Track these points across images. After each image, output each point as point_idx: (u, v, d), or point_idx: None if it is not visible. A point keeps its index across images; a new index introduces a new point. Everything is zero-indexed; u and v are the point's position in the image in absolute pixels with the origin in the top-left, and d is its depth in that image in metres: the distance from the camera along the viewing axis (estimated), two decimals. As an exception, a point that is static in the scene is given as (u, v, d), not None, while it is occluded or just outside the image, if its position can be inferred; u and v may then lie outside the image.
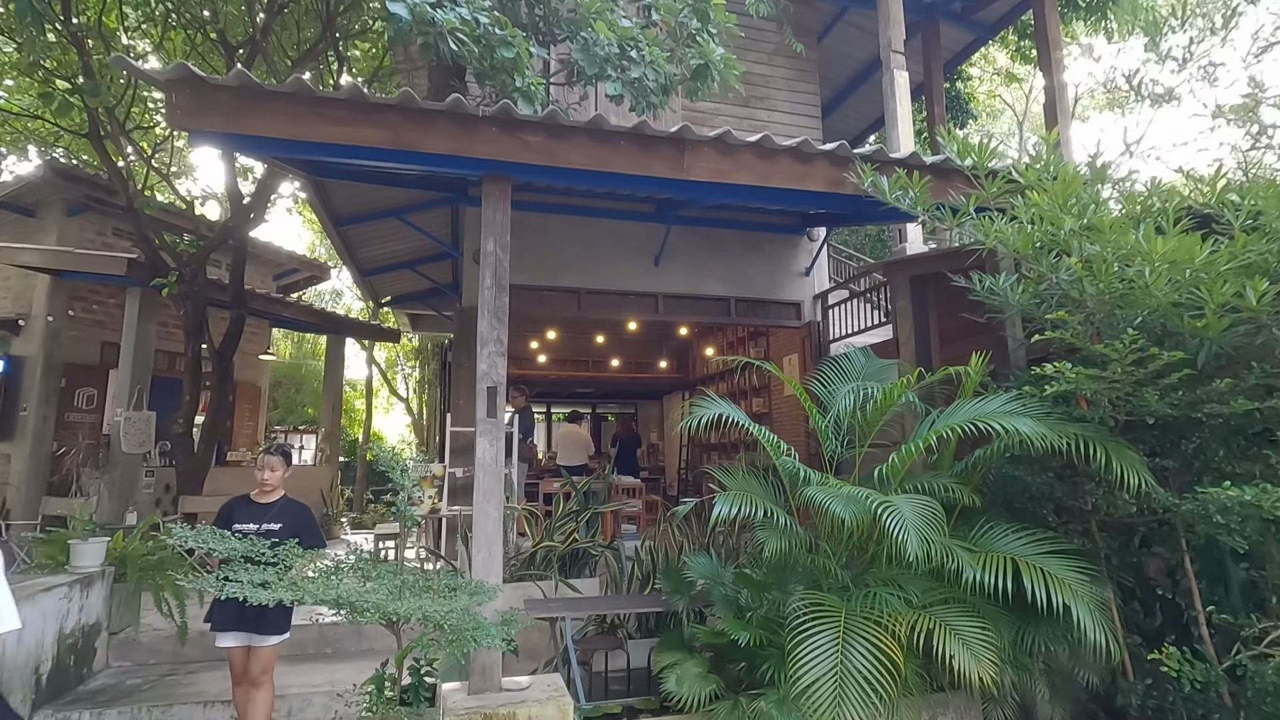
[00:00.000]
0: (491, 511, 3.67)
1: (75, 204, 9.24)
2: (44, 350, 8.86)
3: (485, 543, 3.63)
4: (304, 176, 6.17)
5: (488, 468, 3.70)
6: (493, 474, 3.71)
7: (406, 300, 11.72)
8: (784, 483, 3.94)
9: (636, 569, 5.42)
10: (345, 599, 2.80)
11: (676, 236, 8.29)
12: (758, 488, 3.88)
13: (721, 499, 3.42)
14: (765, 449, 3.95)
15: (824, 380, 4.37)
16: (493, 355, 3.81)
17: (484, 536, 3.63)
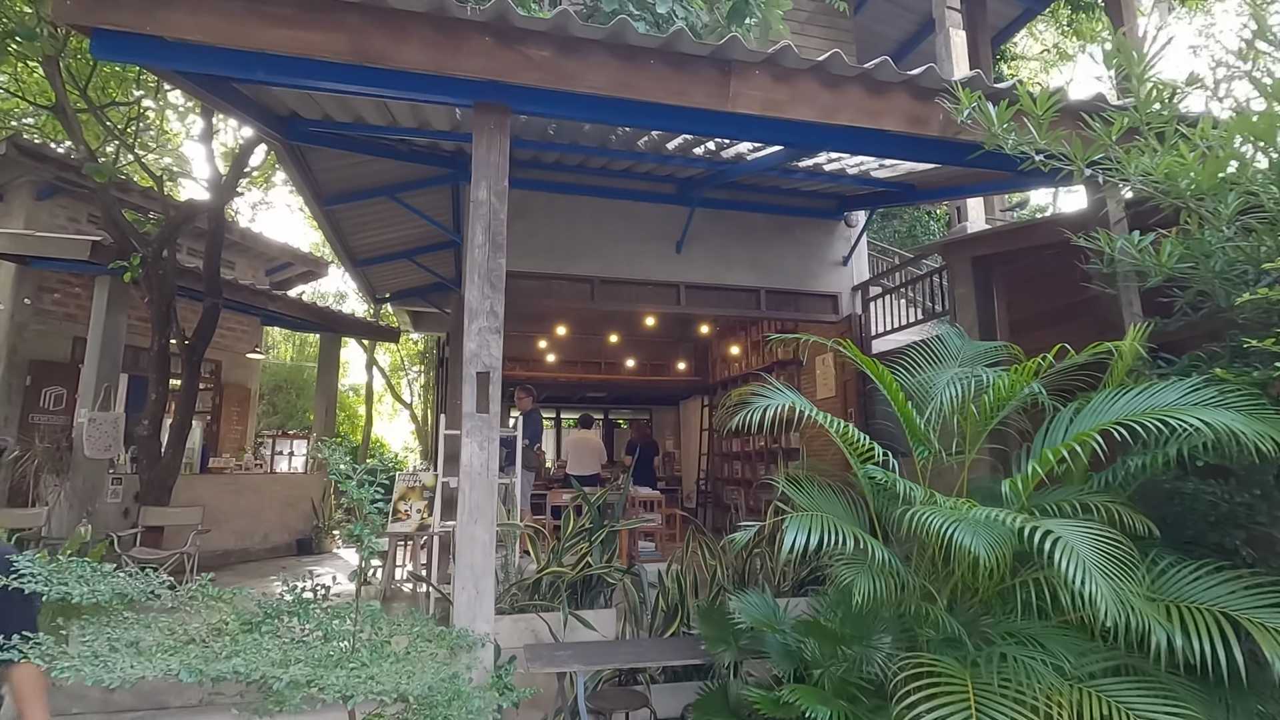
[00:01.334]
0: (479, 535, 2.79)
1: (44, 186, 8.49)
2: (7, 345, 8.09)
3: (471, 576, 2.74)
4: (275, 140, 5.35)
5: (476, 477, 2.82)
6: (482, 485, 2.83)
7: (407, 296, 10.91)
8: (865, 500, 3.03)
9: (661, 599, 4.51)
10: (249, 673, 1.91)
11: (700, 220, 7.43)
12: (837, 507, 2.96)
13: (793, 522, 2.51)
14: (845, 451, 3.05)
15: (910, 367, 3.44)
16: (484, 332, 2.93)
17: (469, 568, 2.75)
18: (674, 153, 6.09)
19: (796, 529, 2.42)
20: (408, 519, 5.10)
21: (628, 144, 5.93)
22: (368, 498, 2.45)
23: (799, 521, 2.46)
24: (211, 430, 10.70)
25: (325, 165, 6.38)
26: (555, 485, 9.32)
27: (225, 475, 9.27)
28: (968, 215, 6.49)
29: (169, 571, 6.03)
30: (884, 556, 2.50)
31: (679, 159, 6.24)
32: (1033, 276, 5.54)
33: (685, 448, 13.48)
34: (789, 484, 3.00)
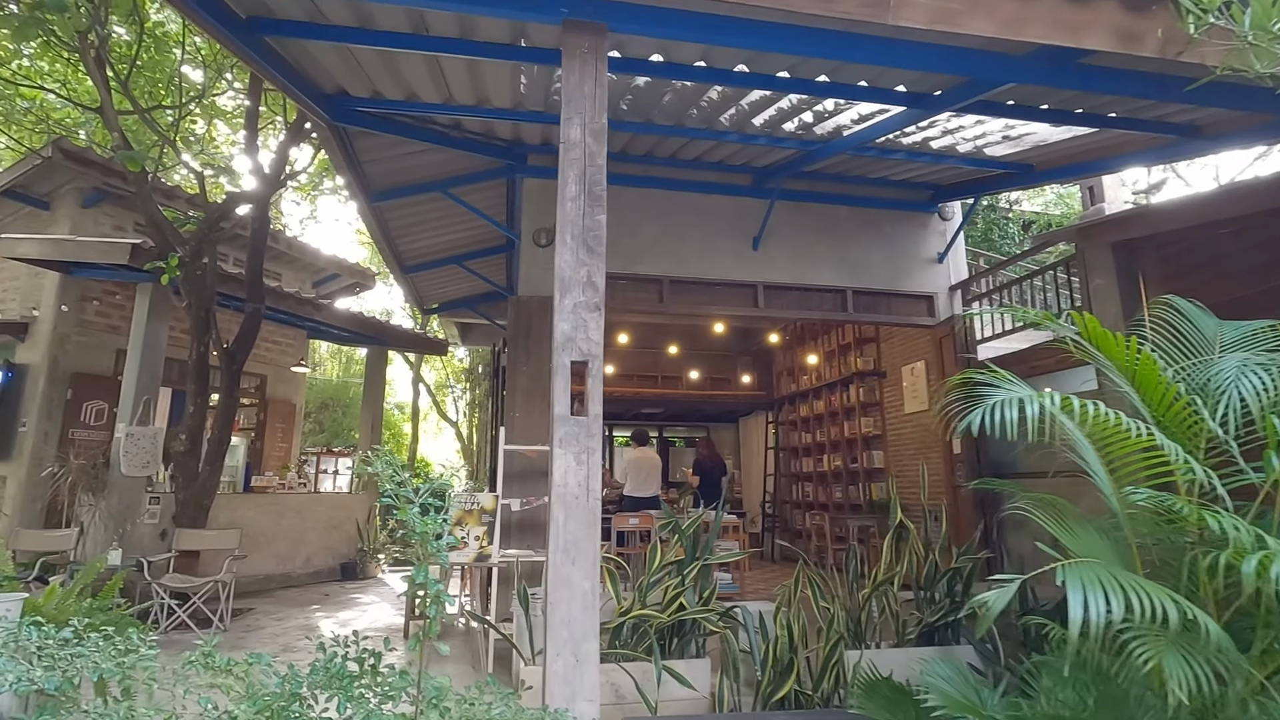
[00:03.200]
0: (578, 580, 2.05)
1: (90, 193, 8.23)
2: (49, 358, 7.77)
3: (569, 637, 2.01)
4: (321, 120, 4.81)
5: (572, 501, 2.10)
6: (580, 513, 2.10)
7: (455, 307, 10.40)
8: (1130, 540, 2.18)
9: (772, 651, 3.69)
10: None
11: (779, 214, 6.69)
12: (1103, 547, 2.09)
13: (1073, 575, 1.67)
14: (1098, 483, 2.19)
15: (1172, 354, 2.56)
16: (581, 309, 2.23)
17: (565, 626, 2.01)
18: (760, 130, 5.38)
19: (1084, 591, 1.57)
20: (465, 547, 4.42)
21: (708, 120, 5.23)
22: (433, 530, 1.74)
23: (1084, 577, 1.62)
24: (256, 447, 10.29)
25: (373, 156, 5.86)
26: (610, 507, 8.56)
27: (267, 495, 8.78)
28: (1103, 195, 5.61)
29: (203, 600, 5.45)
30: (1215, 633, 1.63)
31: (764, 139, 5.52)
32: (1202, 261, 4.63)
33: (747, 468, 12.61)
34: (1052, 522, 2.14)
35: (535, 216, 6.42)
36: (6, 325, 7.85)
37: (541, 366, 6.00)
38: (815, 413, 10.15)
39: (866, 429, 8.83)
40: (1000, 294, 7.19)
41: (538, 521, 5.67)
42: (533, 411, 5.87)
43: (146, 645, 1.75)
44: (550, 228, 6.36)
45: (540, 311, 6.14)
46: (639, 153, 6.42)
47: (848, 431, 9.21)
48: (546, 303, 6.34)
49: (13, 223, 8.51)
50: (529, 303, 6.17)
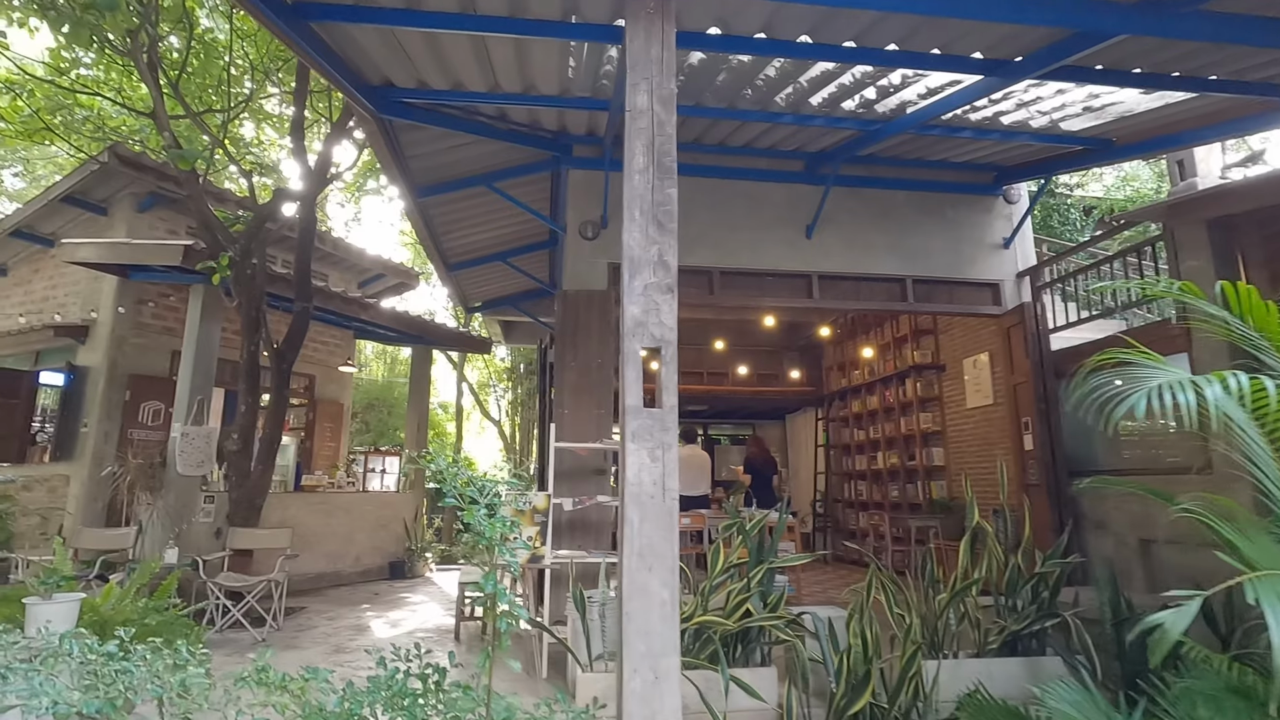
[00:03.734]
0: (656, 589, 1.86)
1: (145, 198, 8.39)
2: (108, 360, 7.94)
3: (646, 652, 1.81)
4: (367, 113, 4.72)
5: (648, 501, 1.91)
6: (658, 514, 1.91)
7: (499, 305, 10.34)
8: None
9: (846, 662, 3.44)
10: None
11: (833, 201, 6.40)
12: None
13: (1272, 595, 1.40)
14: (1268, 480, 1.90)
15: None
16: (653, 290, 2.03)
17: (643, 639, 1.82)
18: (817, 110, 5.11)
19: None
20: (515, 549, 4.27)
21: (762, 101, 4.99)
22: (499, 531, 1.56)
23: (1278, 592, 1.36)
24: (305, 447, 10.40)
25: (418, 151, 5.78)
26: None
27: (317, 494, 8.84)
28: (1194, 169, 5.17)
29: (257, 599, 5.44)
30: None
31: (821, 119, 5.25)
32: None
33: (795, 466, 12.28)
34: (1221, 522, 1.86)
35: (581, 209, 6.27)
36: (68, 328, 8.05)
37: (589, 362, 5.85)
38: (868, 409, 9.78)
39: (925, 425, 8.45)
40: (1075, 280, 6.76)
41: (588, 521, 5.51)
42: (582, 409, 5.72)
43: (197, 659, 1.62)
44: (596, 220, 6.21)
45: (588, 306, 5.99)
46: (687, 139, 6.21)
47: (904, 428, 8.84)
48: (594, 297, 6.22)
49: (73, 228, 8.74)
50: (576, 297, 6.01)
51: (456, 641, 5.41)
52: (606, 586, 4.03)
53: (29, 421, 8.34)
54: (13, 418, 8.15)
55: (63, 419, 8.07)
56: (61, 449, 7.99)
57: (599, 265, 6.18)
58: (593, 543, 5.48)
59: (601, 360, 5.84)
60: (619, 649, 1.90)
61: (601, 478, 5.66)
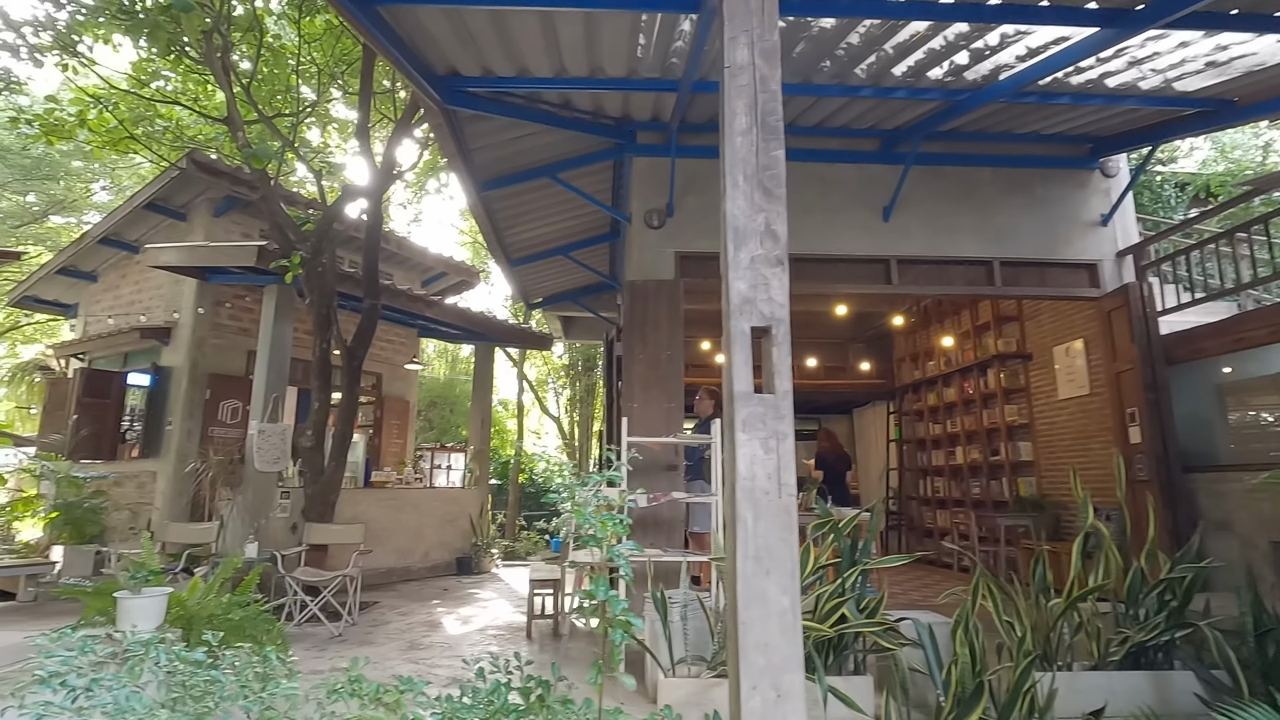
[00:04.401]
0: (775, 595, 1.66)
1: (220, 202, 8.65)
2: (189, 360, 8.22)
3: (765, 666, 1.62)
4: (433, 104, 4.66)
5: (762, 497, 1.71)
6: (773, 511, 1.71)
7: (558, 300, 10.29)
8: None
9: (953, 673, 3.15)
10: None
11: (910, 182, 6.04)
12: None
13: None
14: None
15: None
16: (760, 263, 1.83)
17: (760, 651, 1.63)
18: (900, 81, 4.78)
19: None
20: (592, 546, 4.13)
21: (840, 74, 4.70)
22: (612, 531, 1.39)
23: None
24: (374, 444, 10.58)
25: (482, 143, 5.71)
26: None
27: (386, 490, 8.96)
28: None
29: (333, 595, 5.48)
30: None
31: (903, 91, 4.92)
32: None
33: (864, 462, 11.82)
34: None
35: (646, 197, 6.10)
36: (152, 330, 8.36)
37: (659, 354, 5.67)
38: (945, 401, 9.29)
39: (1010, 417, 7.95)
40: (1187, 258, 6.20)
41: (659, 518, 5.35)
42: (651, 402, 5.55)
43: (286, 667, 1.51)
44: (662, 208, 6.02)
45: (655, 296, 5.81)
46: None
47: (987, 421, 8.34)
48: (662, 287, 6.04)
49: (155, 234, 9.09)
50: (643, 288, 5.84)
51: (528, 640, 5.32)
52: (686, 587, 3.85)
53: (119, 420, 8.71)
54: (104, 417, 8.53)
55: (149, 417, 8.40)
56: (149, 446, 8.32)
57: (665, 255, 5.99)
58: (664, 540, 5.31)
59: (671, 352, 5.66)
60: (732, 663, 1.71)
61: (673, 474, 5.48)
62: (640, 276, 5.92)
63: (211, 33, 4.96)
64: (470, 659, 4.57)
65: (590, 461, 18.96)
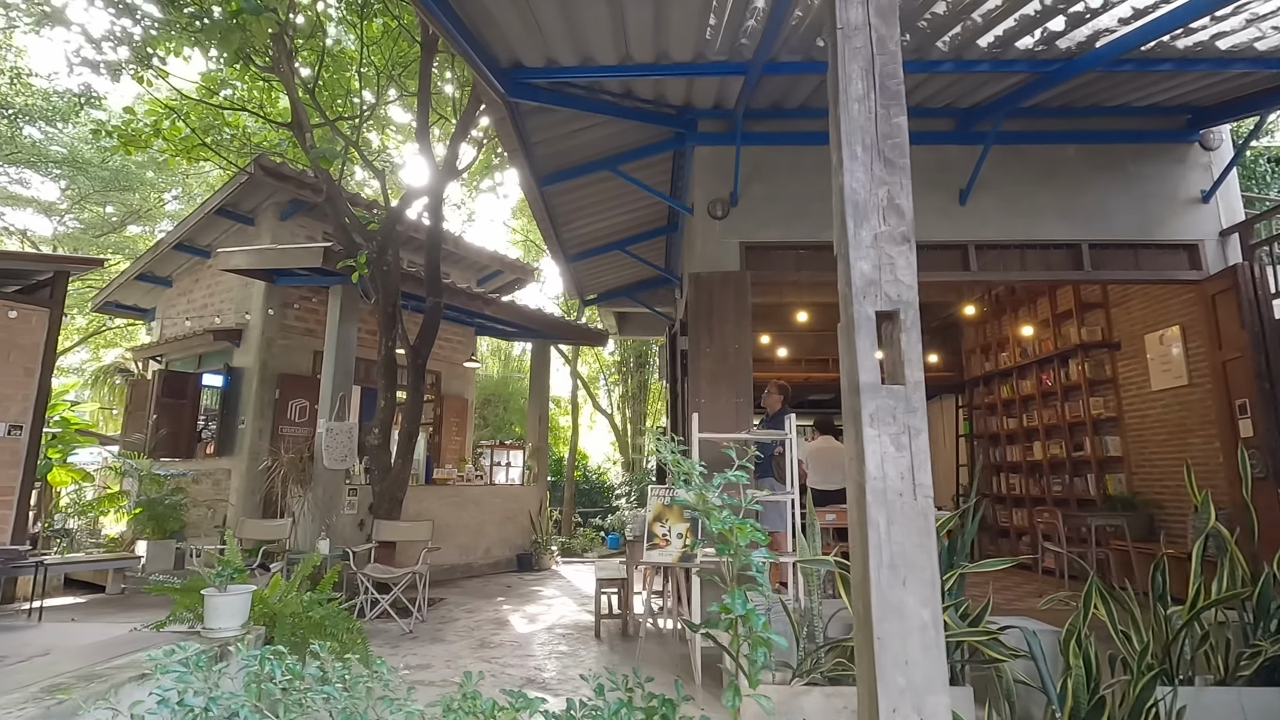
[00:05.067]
0: (914, 608, 1.50)
1: (285, 206, 8.86)
2: (259, 360, 8.45)
3: (908, 686, 1.46)
4: (496, 96, 4.60)
5: (895, 499, 1.55)
6: (908, 515, 1.55)
7: (613, 296, 10.21)
8: None
9: (1069, 686, 2.91)
10: None
11: (990, 161, 5.70)
12: None
13: None
14: None
15: None
16: (884, 241, 1.67)
17: (901, 670, 1.47)
18: (985, 53, 4.49)
19: None
20: (666, 545, 4.01)
21: (920, 48, 4.43)
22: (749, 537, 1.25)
23: None
24: (433, 441, 10.71)
25: (542, 136, 5.65)
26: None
27: (449, 487, 9.04)
28: None
29: (402, 591, 5.50)
30: None
31: (987, 64, 4.62)
32: None
33: (932, 458, 11.36)
34: None
35: (709, 187, 5.93)
36: (224, 332, 8.63)
37: (726, 348, 5.51)
38: (1021, 394, 8.84)
39: (1096, 410, 7.49)
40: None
41: (730, 517, 5.19)
42: (719, 397, 5.39)
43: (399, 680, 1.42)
44: (726, 198, 5.84)
45: (722, 288, 5.64)
46: (822, 104, 5.73)
47: (1069, 414, 7.89)
48: (728, 279, 5.86)
49: (225, 239, 9.38)
50: (708, 280, 5.68)
51: (597, 640, 5.24)
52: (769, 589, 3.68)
53: (195, 420, 9.03)
54: (181, 416, 8.85)
55: (223, 417, 8.67)
56: (223, 445, 8.59)
57: (730, 245, 5.82)
58: (735, 540, 5.15)
59: (739, 345, 5.49)
60: (865, 681, 1.55)
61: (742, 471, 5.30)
62: (704, 268, 5.76)
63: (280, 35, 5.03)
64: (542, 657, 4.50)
65: (645, 458, 18.91)
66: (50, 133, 13.55)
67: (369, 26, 8.11)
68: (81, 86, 7.46)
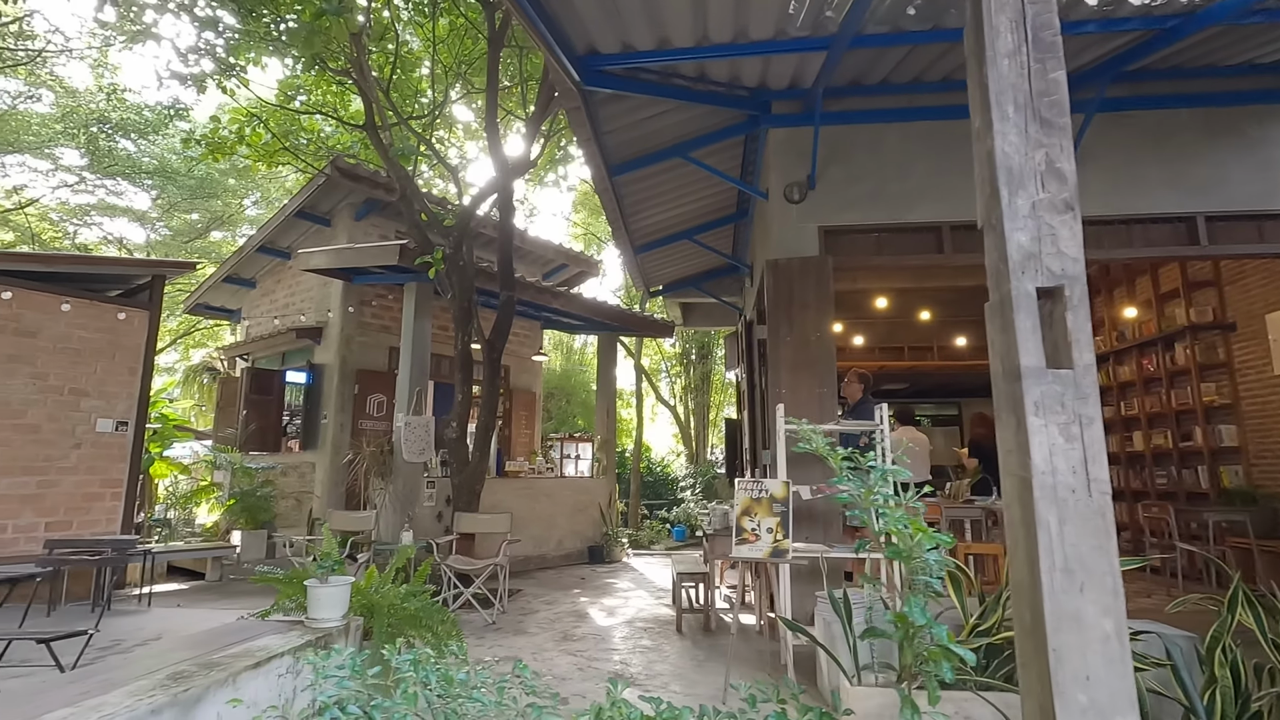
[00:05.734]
0: (1094, 618, 1.35)
1: (360, 207, 9.09)
2: (339, 357, 8.72)
3: (1089, 705, 1.31)
4: (570, 84, 4.54)
5: (1067, 496, 1.40)
6: (1083, 514, 1.40)
7: (679, 287, 10.11)
8: None
9: (1216, 698, 2.65)
10: None
11: (1090, 131, 5.30)
12: None
13: None
14: None
15: None
16: (1043, 211, 1.53)
17: (1082, 688, 1.33)
18: (1093, 12, 4.15)
19: None
20: (756, 540, 3.89)
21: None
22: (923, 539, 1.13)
23: None
24: (503, 434, 10.86)
25: (613, 125, 5.57)
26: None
27: (520, 479, 9.14)
28: None
29: (484, 582, 5.55)
30: None
31: (1094, 24, 4.28)
32: None
33: (1015, 448, 10.82)
34: None
35: (785, 171, 5.73)
36: (306, 330, 8.93)
37: (807, 336, 5.33)
38: (1119, 380, 8.29)
39: (1208, 397, 6.94)
40: None
41: (814, 511, 5.02)
42: (801, 387, 5.22)
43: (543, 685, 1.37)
44: (803, 181, 5.64)
45: (801, 274, 5.46)
46: (904, 80, 5.46)
47: (1175, 402, 7.34)
48: (808, 264, 5.66)
49: (303, 240, 9.71)
50: (787, 266, 5.50)
51: (679, 634, 5.17)
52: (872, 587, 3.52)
53: (280, 415, 9.40)
54: (268, 412, 9.23)
55: (306, 412, 8.99)
56: (307, 439, 8.91)
57: (808, 230, 5.61)
58: (820, 535, 4.99)
59: (820, 333, 5.30)
60: (1032, 696, 1.40)
61: (827, 463, 5.13)
62: (782, 254, 5.58)
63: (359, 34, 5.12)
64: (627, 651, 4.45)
65: (709, 449, 18.75)
66: (142, 145, 14.35)
67: (436, 25, 8.21)
68: (170, 99, 7.83)
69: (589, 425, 15.43)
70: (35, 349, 6.12)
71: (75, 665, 3.64)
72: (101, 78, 13.49)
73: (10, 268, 6.11)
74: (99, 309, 6.51)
